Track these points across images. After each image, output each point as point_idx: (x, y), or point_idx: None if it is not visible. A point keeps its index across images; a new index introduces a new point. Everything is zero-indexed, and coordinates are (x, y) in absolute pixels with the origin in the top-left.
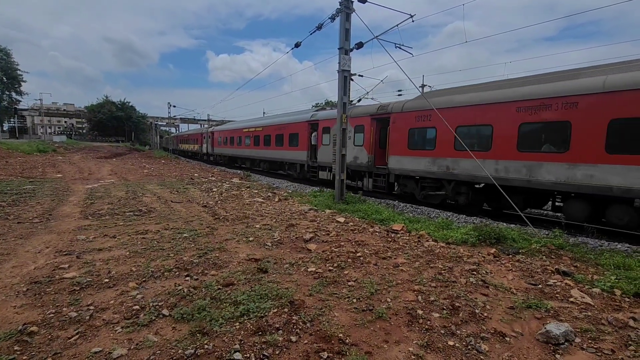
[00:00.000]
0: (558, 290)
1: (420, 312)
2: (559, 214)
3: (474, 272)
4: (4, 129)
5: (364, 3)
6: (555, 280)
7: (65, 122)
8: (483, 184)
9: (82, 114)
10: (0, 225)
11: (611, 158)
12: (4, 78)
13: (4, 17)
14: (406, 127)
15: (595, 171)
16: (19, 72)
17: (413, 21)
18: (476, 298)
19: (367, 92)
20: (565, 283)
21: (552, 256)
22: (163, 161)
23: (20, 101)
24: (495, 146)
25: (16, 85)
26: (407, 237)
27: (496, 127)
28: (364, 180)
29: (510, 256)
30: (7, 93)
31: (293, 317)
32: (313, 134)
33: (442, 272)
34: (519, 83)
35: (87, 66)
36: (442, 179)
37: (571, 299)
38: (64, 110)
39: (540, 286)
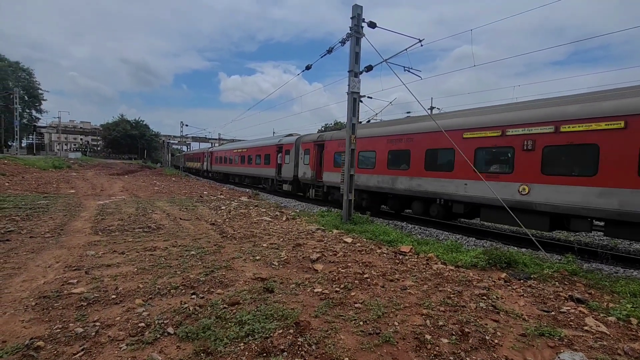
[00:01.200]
0: (572, 318)
1: (428, 337)
2: (572, 238)
3: (484, 297)
4: (22, 145)
5: (373, 28)
6: (569, 308)
7: (81, 139)
8: (393, 195)
9: (97, 132)
10: (13, 240)
11: (427, 173)
12: (26, 97)
13: (27, 38)
14: (332, 151)
15: (421, 182)
16: (40, 91)
17: (422, 45)
18: (486, 324)
19: (376, 114)
20: (580, 310)
21: (565, 282)
22: (173, 179)
23: (40, 119)
24: (377, 165)
25: (36, 104)
26: (415, 259)
27: (377, 152)
28: (310, 191)
29: (522, 281)
30: (28, 111)
31: (298, 339)
32: (279, 155)
33: (451, 296)
34: (390, 123)
35: (104, 85)
36: (365, 189)
37: (586, 327)
38: (81, 128)
39: (553, 313)
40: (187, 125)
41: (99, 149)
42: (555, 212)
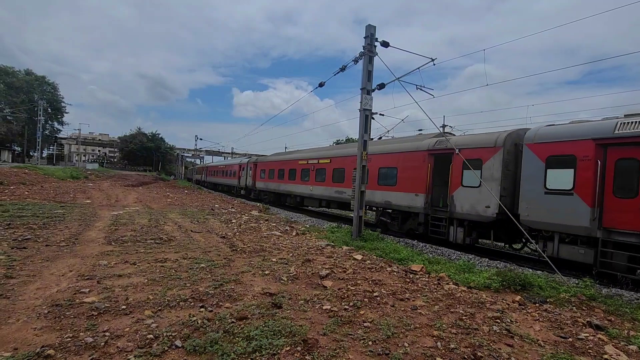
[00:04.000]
0: (590, 346)
1: None
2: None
3: (498, 320)
4: (43, 155)
5: (386, 47)
6: (587, 334)
7: (99, 150)
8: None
9: (115, 144)
10: (29, 247)
11: (289, 182)
12: (49, 109)
13: (50, 53)
14: (259, 169)
15: (286, 187)
16: (62, 104)
17: (434, 64)
18: (500, 348)
19: (388, 131)
20: (599, 338)
21: (583, 307)
22: (186, 191)
23: (61, 130)
24: (274, 177)
25: (59, 116)
26: (426, 279)
27: (275, 170)
28: (252, 193)
29: (537, 305)
30: (50, 123)
31: (306, 357)
32: (240, 171)
33: (463, 318)
34: (281, 154)
35: (122, 99)
36: (268, 191)
37: (605, 356)
38: (99, 139)
39: (570, 339)
40: (201, 139)
41: (115, 160)
42: (319, 199)
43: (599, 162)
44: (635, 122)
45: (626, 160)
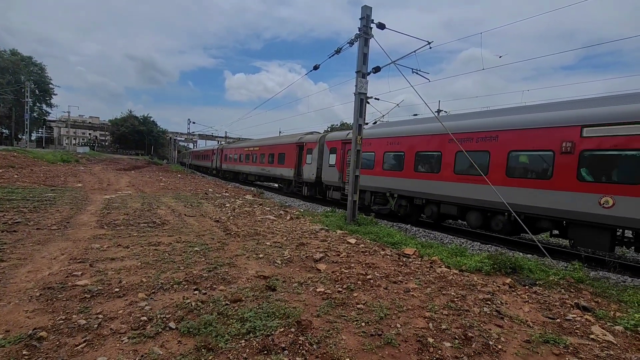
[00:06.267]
0: (578, 326)
1: (431, 340)
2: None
3: (488, 302)
4: (32, 138)
5: (382, 29)
6: (575, 315)
7: (90, 134)
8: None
9: (105, 127)
10: (20, 231)
11: (244, 163)
12: (37, 91)
13: (37, 34)
14: (223, 154)
15: (241, 167)
16: (50, 85)
17: (430, 48)
18: (490, 329)
19: (383, 115)
20: (586, 319)
21: (571, 290)
22: (179, 175)
23: (50, 113)
24: (236, 160)
25: (47, 98)
26: (419, 262)
27: (234, 155)
28: (220, 173)
29: (527, 287)
30: (38, 105)
31: (299, 338)
32: (212, 155)
33: (455, 300)
34: (244, 141)
35: (111, 82)
36: (229, 170)
37: (592, 336)
38: (89, 122)
39: (558, 320)
40: (194, 123)
41: (106, 144)
42: (255, 174)
43: (342, 151)
44: (351, 133)
45: (349, 150)
